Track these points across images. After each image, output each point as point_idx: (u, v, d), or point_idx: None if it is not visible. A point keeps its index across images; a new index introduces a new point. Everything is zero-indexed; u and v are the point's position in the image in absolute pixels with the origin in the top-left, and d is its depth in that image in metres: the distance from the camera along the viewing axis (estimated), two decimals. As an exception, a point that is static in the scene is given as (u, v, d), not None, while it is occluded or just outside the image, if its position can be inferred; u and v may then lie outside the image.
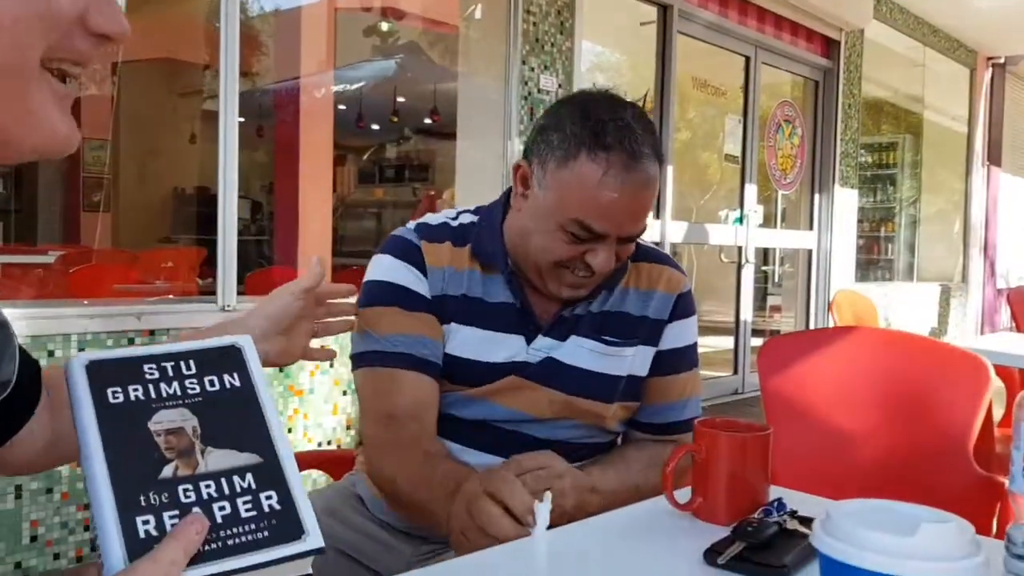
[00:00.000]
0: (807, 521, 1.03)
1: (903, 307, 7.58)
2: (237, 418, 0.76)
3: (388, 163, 10.34)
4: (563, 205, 1.27)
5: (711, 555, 0.96)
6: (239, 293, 3.38)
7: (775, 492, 1.13)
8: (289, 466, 0.75)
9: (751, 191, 6.04)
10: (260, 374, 0.79)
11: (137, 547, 0.67)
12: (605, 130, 1.25)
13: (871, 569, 0.66)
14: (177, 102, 7.83)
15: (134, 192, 7.65)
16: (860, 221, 7.37)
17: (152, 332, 3.06)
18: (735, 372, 6.11)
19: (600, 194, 1.24)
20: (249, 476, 0.74)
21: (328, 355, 1.26)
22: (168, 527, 0.68)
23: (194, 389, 0.76)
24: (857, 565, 0.66)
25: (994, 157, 9.20)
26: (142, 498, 0.69)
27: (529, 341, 1.37)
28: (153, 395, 0.74)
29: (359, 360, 1.36)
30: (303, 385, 3.54)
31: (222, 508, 0.71)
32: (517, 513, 1.05)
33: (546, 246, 1.30)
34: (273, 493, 0.73)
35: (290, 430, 3.38)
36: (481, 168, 4.36)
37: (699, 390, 1.50)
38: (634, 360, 1.41)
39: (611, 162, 1.24)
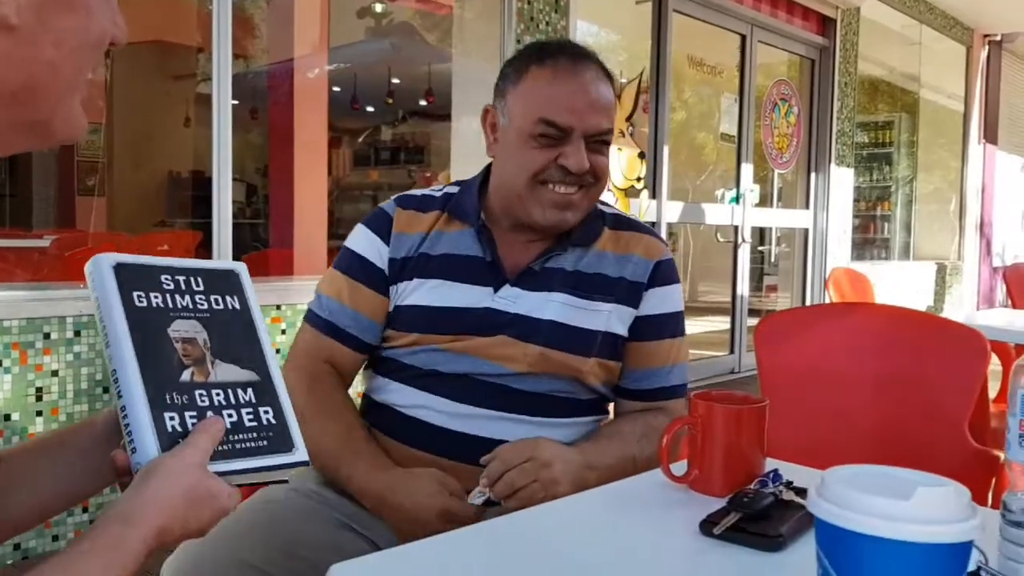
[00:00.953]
0: (802, 492, 1.03)
1: (899, 286, 7.59)
2: (238, 337, 0.84)
3: (383, 145, 10.32)
4: (527, 114, 1.36)
5: (707, 526, 0.96)
6: (235, 275, 3.37)
7: (771, 464, 1.13)
8: (280, 387, 0.86)
9: (747, 171, 6.03)
10: (255, 300, 0.88)
11: (165, 440, 0.76)
12: (547, 44, 1.42)
13: (867, 533, 0.66)
14: (171, 85, 7.77)
15: (129, 176, 7.62)
16: (856, 200, 7.37)
17: (148, 314, 3.05)
18: (731, 352, 6.13)
19: (555, 89, 1.36)
20: (250, 391, 0.84)
21: None
22: (189, 426, 0.77)
23: (203, 305, 0.84)
24: (853, 529, 0.66)
25: (990, 135, 9.19)
26: (167, 397, 0.78)
27: (496, 291, 1.39)
28: (171, 304, 0.82)
29: (306, 313, 1.51)
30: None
31: (230, 415, 0.81)
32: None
33: (522, 163, 1.37)
34: (269, 409, 0.84)
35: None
36: (476, 150, 4.33)
37: (685, 358, 1.51)
38: (611, 317, 1.41)
39: (557, 62, 1.37)
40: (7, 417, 2.73)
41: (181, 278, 0.84)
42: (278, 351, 3.40)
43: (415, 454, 1.36)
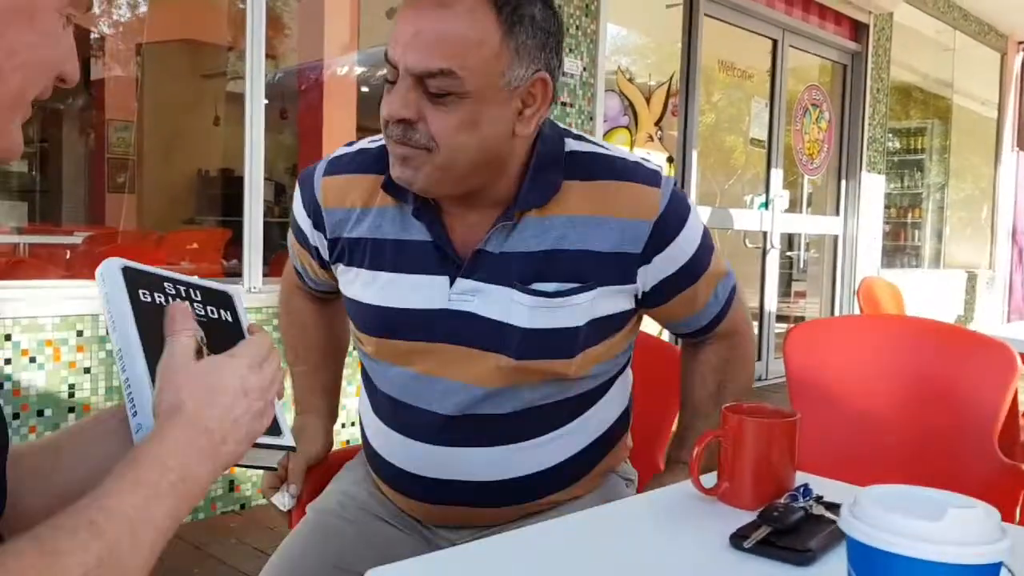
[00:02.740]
0: (832, 507, 1.03)
1: (929, 294, 7.51)
2: (231, 344, 0.87)
3: (411, 145, 10.34)
4: None
5: (737, 539, 0.96)
6: (264, 275, 3.40)
7: (801, 478, 1.13)
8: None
9: (777, 176, 6.00)
10: (245, 319, 0.93)
11: None
12: None
13: (899, 552, 0.66)
14: (201, 84, 7.85)
15: (158, 173, 7.70)
16: (887, 207, 7.31)
17: (179, 312, 3.09)
18: (759, 359, 6.10)
19: (398, 23, 1.10)
20: None
21: None
22: None
23: (200, 312, 0.88)
24: (885, 549, 0.67)
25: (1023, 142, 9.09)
26: None
27: (451, 284, 1.19)
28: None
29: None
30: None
31: None
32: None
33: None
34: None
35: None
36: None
37: (723, 272, 1.32)
38: (594, 304, 1.19)
39: None
40: (40, 413, 2.77)
41: (182, 288, 0.89)
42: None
43: (417, 504, 1.30)
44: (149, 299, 0.85)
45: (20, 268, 4.63)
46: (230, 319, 0.91)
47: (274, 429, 0.86)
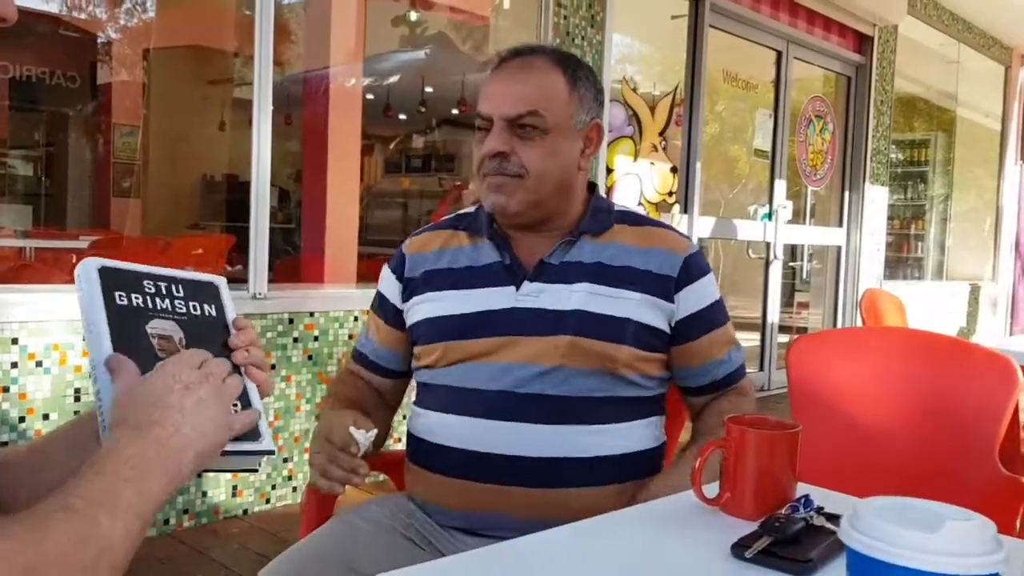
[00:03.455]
0: (833, 518, 1.04)
1: (932, 306, 7.52)
2: (213, 339, 0.90)
3: (415, 153, 10.36)
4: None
5: (738, 549, 0.98)
6: (269, 281, 3.42)
7: (802, 489, 1.14)
8: (250, 384, 0.91)
9: (780, 186, 6.01)
10: (231, 309, 0.94)
11: None
12: (508, 52, 1.47)
13: (896, 563, 0.68)
14: (207, 89, 7.88)
15: (163, 178, 7.73)
16: (890, 218, 7.32)
17: (184, 318, 3.10)
18: (761, 369, 6.10)
19: (485, 85, 1.44)
20: None
21: None
22: None
23: (182, 309, 0.90)
24: (883, 559, 0.68)
25: (1027, 155, 9.10)
26: None
27: (518, 289, 1.42)
28: (151, 305, 0.89)
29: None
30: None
31: None
32: (339, 447, 1.27)
33: (473, 159, 1.45)
34: (238, 402, 0.88)
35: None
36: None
37: (735, 340, 1.53)
38: (640, 306, 1.41)
39: (499, 64, 1.45)
40: (46, 416, 2.79)
41: (163, 284, 0.90)
42: (310, 357, 3.45)
43: (460, 484, 1.38)
44: (125, 301, 0.86)
45: (26, 272, 4.65)
46: (214, 312, 0.93)
47: (253, 435, 0.88)
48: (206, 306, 0.93)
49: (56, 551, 0.64)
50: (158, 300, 0.89)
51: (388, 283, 1.57)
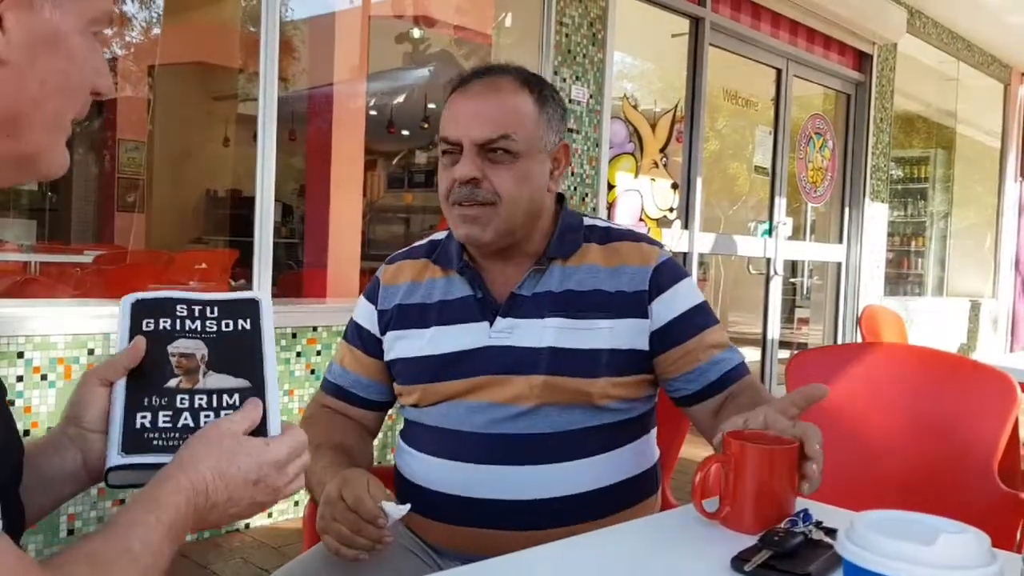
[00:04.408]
0: (832, 532, 1.06)
1: (932, 322, 7.53)
2: (240, 352, 0.92)
3: (417, 168, 10.41)
4: (439, 139, 1.39)
5: (738, 562, 0.99)
6: (273, 295, 3.44)
7: (801, 504, 1.16)
8: (271, 395, 0.91)
9: (780, 203, 6.04)
10: (270, 324, 0.96)
11: (130, 437, 0.86)
12: (470, 73, 1.42)
13: (891, 574, 0.69)
14: (211, 105, 7.93)
15: (168, 193, 7.76)
16: (890, 235, 7.35)
17: (189, 332, 3.12)
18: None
19: (449, 108, 1.39)
20: (236, 396, 0.90)
21: None
22: (160, 423, 0.87)
23: (212, 327, 0.92)
24: (878, 572, 0.70)
25: (1027, 172, 9.13)
26: (146, 400, 0.88)
27: (491, 325, 1.38)
28: (178, 327, 0.92)
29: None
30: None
31: (207, 416, 0.88)
32: (367, 519, 1.16)
33: (439, 186, 1.40)
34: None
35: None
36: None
37: (728, 344, 1.45)
38: (613, 333, 1.37)
39: (462, 83, 1.40)
40: (50, 430, 2.80)
41: (197, 307, 0.94)
42: (312, 372, 3.46)
43: (450, 528, 1.36)
44: (152, 327, 0.91)
45: (31, 286, 4.67)
46: (247, 326, 0.95)
47: None
48: (241, 321, 0.95)
49: None
50: (187, 322, 0.93)
51: (365, 312, 1.53)
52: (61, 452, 0.92)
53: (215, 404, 0.90)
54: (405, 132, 9.59)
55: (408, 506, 1.17)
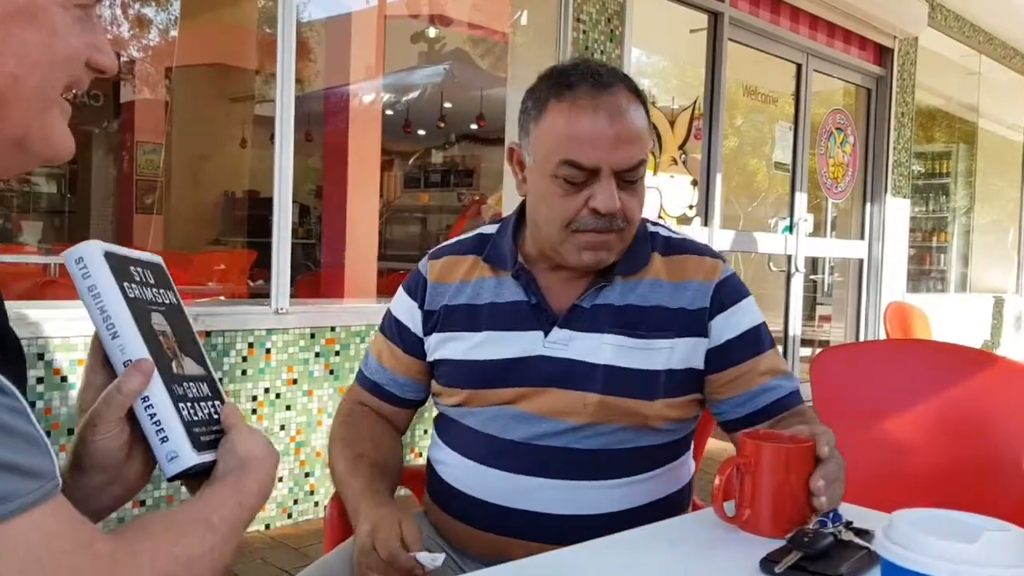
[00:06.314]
0: (862, 532, 1.03)
1: (956, 318, 7.45)
2: (185, 333, 0.85)
3: (434, 168, 10.43)
4: (549, 155, 1.27)
5: (768, 564, 0.97)
6: (291, 296, 3.44)
7: (830, 503, 1.13)
8: (218, 383, 0.88)
9: (801, 199, 5.99)
10: (176, 292, 0.88)
11: (188, 427, 0.79)
12: (567, 74, 1.29)
13: (934, 574, 0.67)
14: (229, 107, 7.97)
15: (186, 195, 7.80)
16: (912, 231, 7.27)
17: (208, 333, 3.13)
18: (782, 382, 6.05)
19: (575, 126, 1.26)
20: (205, 385, 0.85)
21: None
22: (192, 415, 0.81)
23: (159, 299, 0.84)
24: (920, 571, 0.67)
25: (1051, 166, 9.02)
26: (174, 387, 0.80)
27: (547, 335, 1.33)
28: (146, 297, 0.82)
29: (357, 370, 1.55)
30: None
31: (203, 407, 0.83)
32: (400, 570, 1.15)
33: (551, 209, 1.29)
34: (218, 403, 0.85)
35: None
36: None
37: (786, 368, 1.39)
38: (672, 353, 1.31)
39: (577, 95, 1.26)
40: (71, 432, 2.81)
41: (139, 269, 0.84)
42: (331, 372, 3.46)
43: (480, 534, 1.34)
44: (134, 293, 0.80)
45: (51, 288, 4.69)
46: (174, 299, 0.87)
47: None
48: (168, 293, 0.86)
49: (187, 556, 0.71)
50: (145, 290, 0.83)
51: (406, 309, 1.46)
52: (96, 499, 0.84)
53: (200, 394, 0.84)
54: (421, 132, 9.60)
55: (442, 556, 1.16)
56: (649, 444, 1.33)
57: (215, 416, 0.84)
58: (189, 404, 0.81)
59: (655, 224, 1.45)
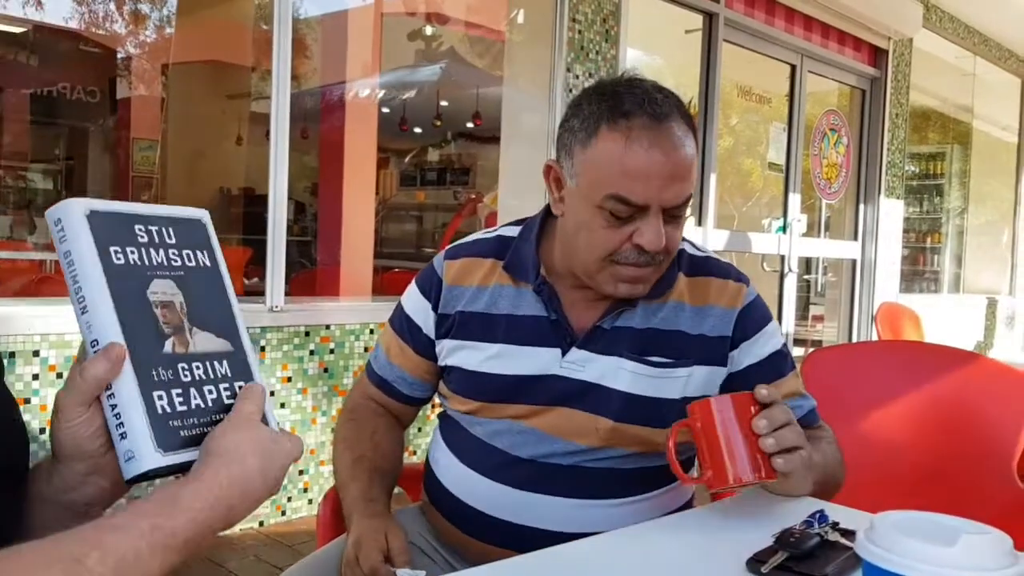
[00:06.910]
0: (848, 533, 1.04)
1: (949, 319, 7.48)
2: (211, 301, 0.77)
3: (430, 166, 10.42)
4: (596, 185, 1.20)
5: (754, 564, 0.98)
6: (286, 294, 3.44)
7: (816, 504, 1.15)
8: (252, 358, 0.79)
9: (795, 200, 6.01)
10: (220, 254, 0.80)
11: (159, 427, 0.70)
12: (622, 99, 1.20)
13: (913, 577, 0.68)
14: (225, 104, 7.96)
15: (181, 192, 7.79)
16: (906, 231, 7.29)
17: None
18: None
19: (628, 161, 1.18)
20: (225, 363, 0.77)
21: None
22: (177, 405, 0.72)
23: (177, 262, 0.75)
24: (899, 572, 0.69)
25: (1044, 168, 9.05)
26: (154, 374, 0.71)
27: (564, 354, 1.29)
28: (147, 261, 0.74)
29: (367, 362, 1.53)
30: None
31: (210, 392, 0.75)
32: None
33: (591, 240, 1.23)
34: (242, 383, 0.77)
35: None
36: (524, 173, 4.40)
37: (801, 391, 1.38)
38: (689, 381, 1.29)
39: (632, 126, 1.18)
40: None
41: (154, 228, 0.75)
42: (326, 370, 3.46)
43: (474, 542, 1.33)
44: (122, 259, 0.72)
45: (46, 285, 4.69)
46: (207, 262, 0.78)
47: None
48: (199, 254, 0.77)
49: None
50: (153, 252, 0.74)
51: (419, 307, 1.41)
52: (80, 490, 0.78)
53: (211, 376, 0.75)
54: (418, 129, 9.59)
55: (423, 573, 1.16)
56: (656, 465, 1.31)
57: (228, 400, 0.75)
58: (181, 391, 0.73)
59: (683, 241, 1.40)
